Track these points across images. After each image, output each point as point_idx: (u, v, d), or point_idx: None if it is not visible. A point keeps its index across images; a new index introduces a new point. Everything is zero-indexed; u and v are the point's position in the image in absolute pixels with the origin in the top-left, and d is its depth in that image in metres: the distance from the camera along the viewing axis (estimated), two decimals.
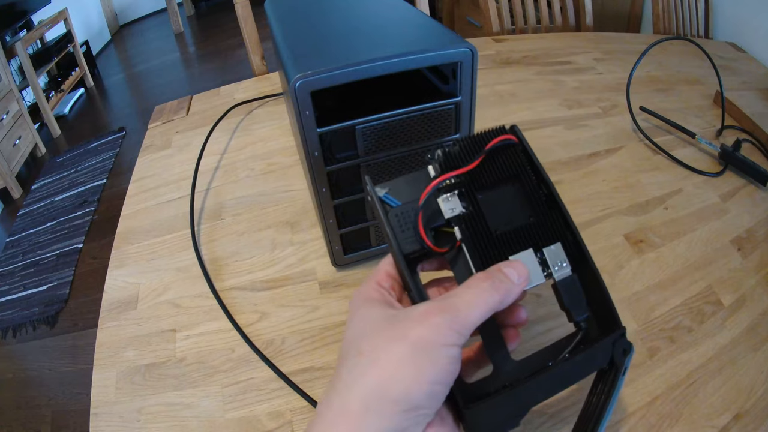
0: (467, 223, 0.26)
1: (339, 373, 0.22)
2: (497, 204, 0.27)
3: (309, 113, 0.34)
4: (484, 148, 0.27)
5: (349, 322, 0.25)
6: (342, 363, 0.22)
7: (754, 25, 1.12)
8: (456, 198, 0.27)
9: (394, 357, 0.21)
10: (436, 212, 0.27)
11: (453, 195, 0.27)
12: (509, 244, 0.26)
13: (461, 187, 0.27)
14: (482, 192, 0.27)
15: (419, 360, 0.21)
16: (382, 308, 0.24)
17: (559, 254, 0.26)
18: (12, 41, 2.18)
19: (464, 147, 0.27)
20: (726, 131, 0.68)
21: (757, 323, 0.43)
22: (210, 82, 2.67)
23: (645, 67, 0.84)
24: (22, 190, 2.03)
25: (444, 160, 0.27)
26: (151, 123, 0.77)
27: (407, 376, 0.20)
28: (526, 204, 0.27)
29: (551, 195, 0.27)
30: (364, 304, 0.25)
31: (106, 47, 3.45)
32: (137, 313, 0.47)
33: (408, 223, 0.27)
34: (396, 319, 0.22)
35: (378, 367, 0.21)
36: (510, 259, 0.26)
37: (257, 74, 0.91)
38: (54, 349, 1.34)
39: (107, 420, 0.39)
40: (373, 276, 0.27)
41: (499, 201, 0.27)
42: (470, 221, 0.26)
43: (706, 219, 0.54)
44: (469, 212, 0.26)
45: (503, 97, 0.76)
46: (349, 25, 0.42)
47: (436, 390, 0.21)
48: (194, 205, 0.58)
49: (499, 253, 0.26)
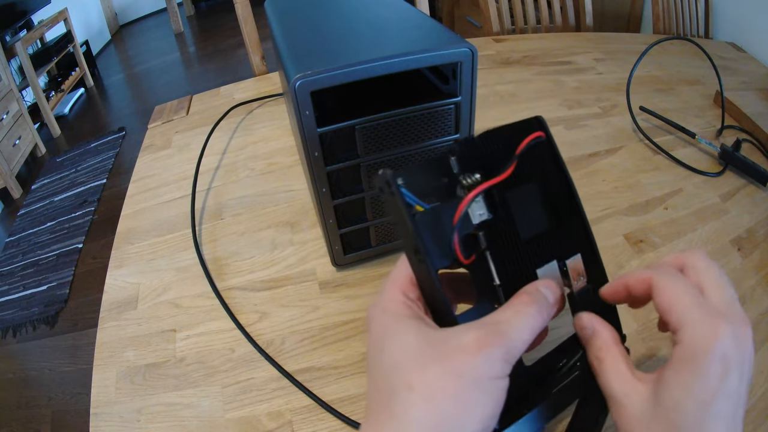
0: (494, 230, 0.24)
1: (389, 408, 0.20)
2: (521, 207, 0.25)
3: (309, 113, 0.34)
4: (515, 148, 0.24)
5: (380, 343, 0.22)
6: (390, 397, 0.20)
7: (754, 25, 1.12)
8: (482, 201, 0.24)
9: (451, 394, 0.19)
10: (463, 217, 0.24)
11: (480, 197, 0.24)
12: (534, 255, 0.24)
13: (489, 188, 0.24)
14: (508, 193, 0.24)
15: (476, 396, 0.20)
16: (419, 329, 0.22)
17: (579, 266, 0.25)
18: (12, 41, 2.18)
19: (489, 141, 0.25)
20: (726, 131, 0.68)
21: (757, 323, 0.43)
22: (210, 82, 2.67)
23: (645, 67, 0.84)
24: (22, 190, 2.03)
25: (467, 156, 0.24)
26: (151, 123, 0.77)
27: (466, 415, 0.19)
28: (548, 207, 0.25)
29: (572, 198, 0.26)
30: (397, 324, 0.22)
31: (106, 47, 3.45)
32: (137, 313, 0.47)
33: (437, 234, 0.23)
34: (443, 345, 0.21)
35: (434, 406, 0.19)
36: (538, 274, 0.24)
37: (257, 74, 0.91)
38: (54, 349, 1.34)
39: (107, 420, 0.39)
40: (395, 284, 0.24)
41: (522, 203, 0.25)
42: (497, 228, 0.24)
43: (706, 219, 0.54)
44: (497, 217, 0.24)
45: (503, 97, 0.76)
46: (349, 25, 0.42)
47: (491, 424, 0.20)
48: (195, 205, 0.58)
49: (525, 265, 0.24)
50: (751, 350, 0.20)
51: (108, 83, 2.95)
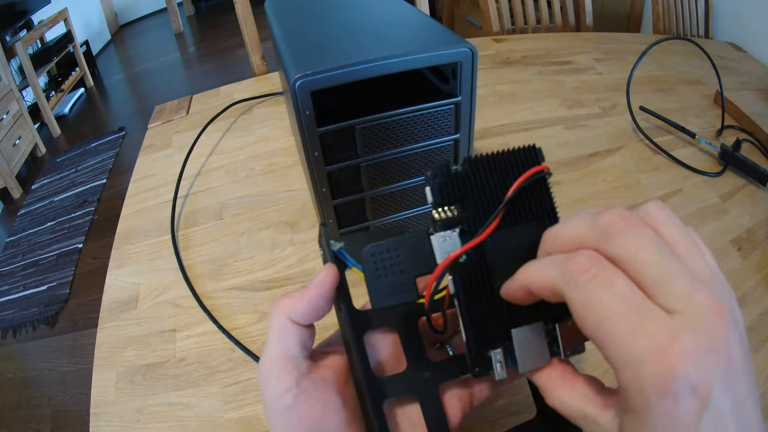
0: (467, 276, 0.20)
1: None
2: (502, 251, 0.20)
3: (309, 113, 0.34)
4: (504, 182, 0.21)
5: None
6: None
7: (754, 25, 1.12)
8: (457, 237, 0.20)
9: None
10: (426, 254, 0.21)
11: (453, 233, 0.20)
12: (516, 310, 0.20)
13: (464, 224, 0.20)
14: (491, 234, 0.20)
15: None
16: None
17: (575, 332, 0.20)
18: (12, 41, 2.18)
19: (475, 170, 0.21)
20: (726, 131, 0.68)
21: (757, 323, 0.43)
22: (210, 82, 2.67)
23: (645, 67, 0.84)
24: (22, 190, 2.03)
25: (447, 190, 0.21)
26: (151, 123, 0.77)
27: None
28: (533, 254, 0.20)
29: None
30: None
31: (106, 47, 3.45)
32: (137, 313, 0.47)
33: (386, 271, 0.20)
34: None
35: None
36: (513, 335, 0.20)
37: (257, 74, 0.91)
38: (54, 349, 1.34)
39: (107, 420, 0.39)
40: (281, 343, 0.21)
41: (504, 247, 0.20)
42: (471, 274, 0.20)
43: (706, 219, 0.54)
44: (471, 261, 0.20)
45: (503, 97, 0.76)
46: (349, 25, 0.42)
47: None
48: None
49: (501, 320, 0.20)
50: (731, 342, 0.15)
51: (108, 83, 2.95)
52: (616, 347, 0.15)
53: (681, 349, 0.14)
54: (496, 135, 0.67)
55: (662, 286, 0.15)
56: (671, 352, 0.14)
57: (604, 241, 0.16)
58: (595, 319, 0.15)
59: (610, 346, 0.15)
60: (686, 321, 0.14)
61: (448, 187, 0.21)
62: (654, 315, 0.15)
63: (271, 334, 0.21)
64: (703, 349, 0.14)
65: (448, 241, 0.20)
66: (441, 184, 0.20)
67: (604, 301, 0.15)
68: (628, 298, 0.15)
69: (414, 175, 0.42)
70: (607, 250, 0.16)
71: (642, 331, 0.14)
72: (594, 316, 0.15)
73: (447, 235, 0.20)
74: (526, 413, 0.36)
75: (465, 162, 0.21)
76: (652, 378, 0.14)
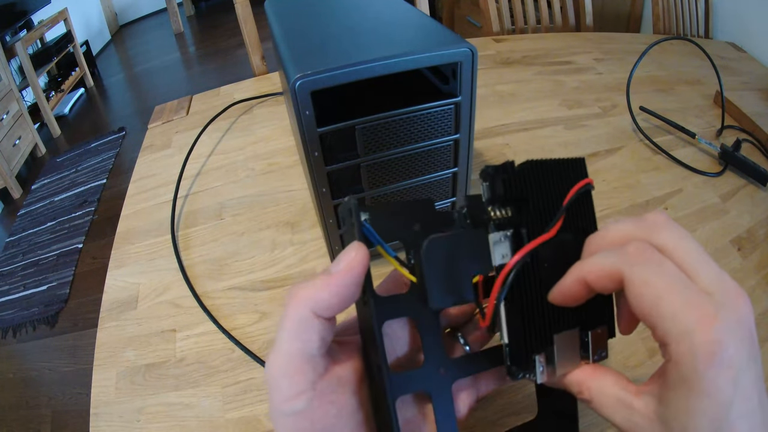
0: (521, 279, 0.20)
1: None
2: (551, 257, 0.21)
3: (309, 113, 0.34)
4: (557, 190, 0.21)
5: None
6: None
7: (754, 25, 1.12)
8: (509, 240, 0.20)
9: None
10: (482, 252, 0.20)
11: (506, 235, 0.20)
12: (557, 316, 0.21)
13: (519, 227, 0.20)
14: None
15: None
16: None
17: (603, 339, 0.22)
18: (12, 41, 2.18)
19: (530, 173, 0.21)
20: (726, 131, 0.68)
21: (757, 323, 0.43)
22: (210, 82, 2.67)
23: (645, 67, 0.84)
24: (22, 190, 2.03)
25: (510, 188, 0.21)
26: (151, 123, 0.77)
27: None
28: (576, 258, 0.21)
29: None
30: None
31: (106, 47, 3.45)
32: (137, 313, 0.47)
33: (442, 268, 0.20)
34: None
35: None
36: (555, 341, 0.21)
37: (257, 74, 0.91)
38: (54, 349, 1.34)
39: (107, 420, 0.39)
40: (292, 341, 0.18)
41: (553, 254, 0.21)
42: (525, 278, 0.20)
43: (706, 219, 0.54)
44: (525, 265, 0.20)
45: (503, 97, 0.76)
46: (349, 25, 0.42)
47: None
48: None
49: (544, 325, 0.21)
50: (752, 323, 0.17)
51: (108, 83, 2.95)
52: (671, 317, 0.17)
53: (722, 322, 0.16)
54: (496, 135, 0.67)
55: (700, 270, 0.18)
56: (716, 324, 0.16)
57: (652, 233, 0.19)
58: (653, 292, 0.17)
59: (666, 317, 0.17)
60: (721, 300, 0.17)
61: (511, 185, 0.21)
62: (697, 292, 0.17)
63: (286, 329, 0.18)
64: (736, 325, 0.16)
65: (502, 242, 0.21)
66: (506, 180, 0.21)
67: (659, 279, 0.17)
68: (678, 276, 0.17)
69: (414, 175, 0.42)
70: (654, 240, 0.18)
71: (691, 304, 0.16)
72: (652, 290, 0.17)
73: (501, 236, 0.21)
74: (526, 413, 0.36)
75: (525, 164, 0.21)
76: (702, 347, 0.16)
